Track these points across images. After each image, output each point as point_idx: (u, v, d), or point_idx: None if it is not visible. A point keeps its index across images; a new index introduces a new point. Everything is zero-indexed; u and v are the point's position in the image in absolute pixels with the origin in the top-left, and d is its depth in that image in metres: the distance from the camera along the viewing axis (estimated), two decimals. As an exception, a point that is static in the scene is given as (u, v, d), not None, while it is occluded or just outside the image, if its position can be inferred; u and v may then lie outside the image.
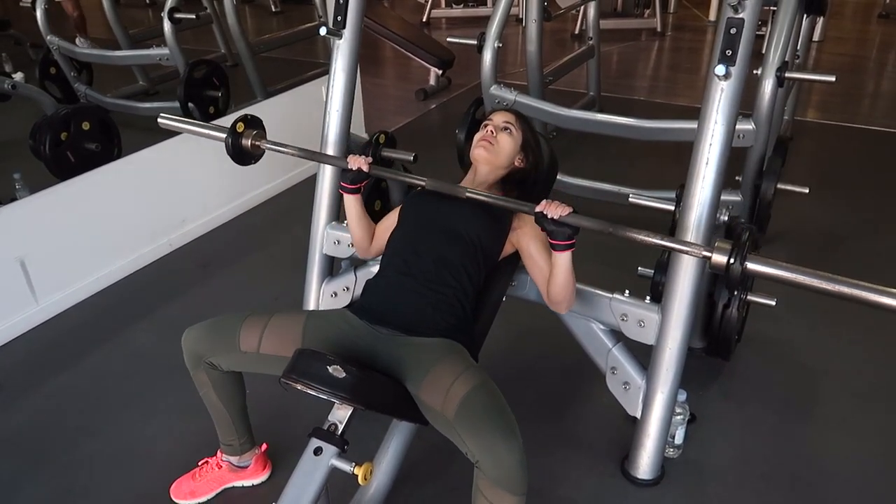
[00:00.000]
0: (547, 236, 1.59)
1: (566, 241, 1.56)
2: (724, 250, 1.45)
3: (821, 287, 1.38)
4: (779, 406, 2.18)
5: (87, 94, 4.39)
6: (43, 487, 1.90)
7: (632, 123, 2.95)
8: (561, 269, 1.62)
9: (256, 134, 1.97)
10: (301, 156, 1.95)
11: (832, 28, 7.00)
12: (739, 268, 1.43)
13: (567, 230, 1.55)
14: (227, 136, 1.94)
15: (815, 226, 3.27)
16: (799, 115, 4.51)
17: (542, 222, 1.56)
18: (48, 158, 3.25)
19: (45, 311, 2.61)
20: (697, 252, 1.51)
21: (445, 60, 5.03)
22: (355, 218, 1.90)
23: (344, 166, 1.84)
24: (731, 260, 1.44)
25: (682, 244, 1.55)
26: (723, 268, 1.45)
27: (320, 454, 1.44)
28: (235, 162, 2.00)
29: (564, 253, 1.59)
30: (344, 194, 1.87)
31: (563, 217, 1.53)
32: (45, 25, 4.35)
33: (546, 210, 1.55)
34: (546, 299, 1.72)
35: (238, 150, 1.97)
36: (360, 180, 1.84)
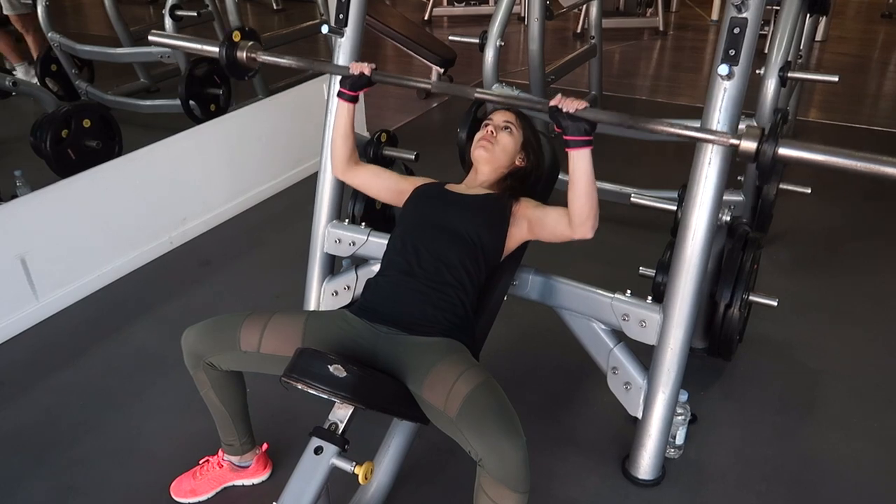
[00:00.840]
0: (561, 134, 1.52)
1: (583, 136, 1.51)
2: (754, 135, 1.34)
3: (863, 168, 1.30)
4: (780, 406, 2.18)
5: (88, 92, 4.38)
6: (44, 484, 1.90)
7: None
8: (581, 172, 1.54)
9: (252, 45, 1.92)
10: (300, 66, 1.89)
11: (835, 28, 6.99)
12: (771, 151, 1.32)
13: (583, 124, 1.50)
14: (221, 48, 1.89)
15: (816, 226, 3.26)
16: (801, 114, 4.51)
17: (557, 117, 1.51)
18: (49, 156, 3.25)
19: (45, 308, 2.61)
20: (724, 140, 1.40)
21: (447, 59, 5.02)
22: (342, 130, 1.87)
23: (346, 73, 1.80)
24: (762, 144, 1.33)
25: (708, 133, 1.44)
26: (752, 154, 1.34)
27: (321, 453, 1.44)
28: (230, 74, 1.94)
29: (582, 151, 1.52)
30: (339, 101, 1.85)
31: (580, 111, 1.49)
32: (46, 22, 4.34)
33: (560, 104, 1.50)
34: (570, 228, 1.61)
35: (233, 61, 1.91)
36: (362, 85, 1.82)
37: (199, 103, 3.93)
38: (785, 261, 2.98)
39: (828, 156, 1.33)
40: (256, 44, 1.93)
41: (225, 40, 1.88)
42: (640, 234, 3.10)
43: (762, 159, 1.34)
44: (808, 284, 2.81)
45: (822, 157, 1.33)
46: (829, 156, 1.33)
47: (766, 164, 1.34)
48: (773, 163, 1.35)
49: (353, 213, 2.53)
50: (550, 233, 1.68)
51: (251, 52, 1.90)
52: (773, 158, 1.34)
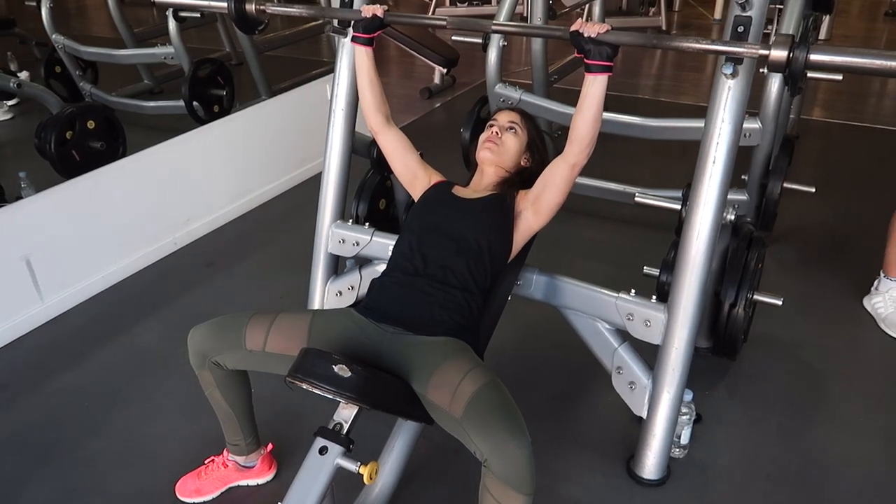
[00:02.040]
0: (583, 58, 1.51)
1: (605, 61, 1.49)
2: (784, 44, 1.31)
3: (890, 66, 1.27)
4: (785, 406, 2.17)
5: (92, 93, 4.40)
6: (48, 485, 1.91)
7: (637, 122, 2.95)
8: (593, 97, 1.53)
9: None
10: (308, 14, 1.85)
11: (839, 26, 6.97)
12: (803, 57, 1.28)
13: (606, 49, 1.48)
14: (230, 1, 1.85)
15: (821, 225, 3.25)
16: (805, 113, 4.50)
17: (579, 41, 1.49)
18: (53, 157, 3.26)
19: (50, 309, 2.62)
20: (753, 52, 1.37)
21: (450, 59, 5.00)
22: (367, 75, 1.84)
23: (356, 17, 1.77)
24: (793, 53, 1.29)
25: (736, 45, 1.41)
26: (783, 62, 1.30)
27: (326, 453, 1.43)
28: (239, 28, 1.90)
29: (600, 76, 1.51)
30: (356, 46, 1.82)
31: (602, 35, 1.47)
32: (51, 24, 4.35)
33: (582, 29, 1.48)
34: (567, 161, 1.61)
35: (242, 14, 1.87)
36: (375, 28, 1.77)
37: (202, 104, 3.94)
38: (790, 260, 2.97)
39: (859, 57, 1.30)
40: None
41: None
42: (645, 233, 3.10)
43: (794, 66, 1.30)
44: (812, 283, 2.80)
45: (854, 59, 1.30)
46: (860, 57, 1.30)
47: (798, 71, 1.30)
48: (804, 71, 1.31)
49: (356, 214, 2.53)
50: (554, 187, 1.66)
51: (260, 4, 1.87)
52: (804, 65, 1.30)
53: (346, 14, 1.90)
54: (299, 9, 1.85)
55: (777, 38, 1.34)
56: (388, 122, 1.90)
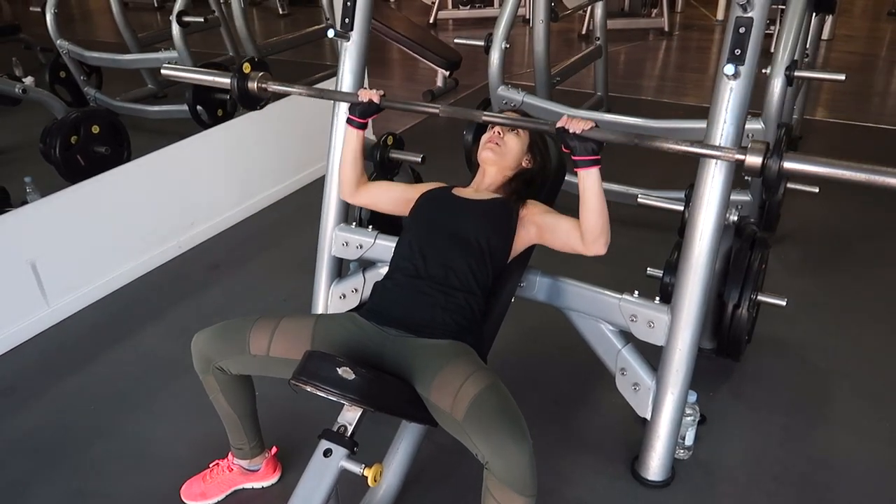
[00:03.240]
0: (570, 155, 1.55)
1: (591, 156, 1.53)
2: (759, 150, 1.36)
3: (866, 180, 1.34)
4: (790, 407, 2.17)
5: (96, 98, 4.41)
6: (54, 488, 1.91)
7: (640, 123, 2.94)
8: (591, 191, 1.57)
9: (262, 76, 1.94)
10: (309, 94, 1.92)
11: (842, 26, 6.96)
12: (776, 166, 1.34)
13: (591, 144, 1.52)
14: (232, 79, 1.92)
15: (824, 225, 3.25)
16: (808, 114, 4.49)
17: (564, 138, 1.53)
18: (58, 162, 3.27)
19: (55, 313, 2.63)
20: (729, 156, 1.42)
21: (452, 62, 5.03)
22: (352, 155, 1.89)
23: (354, 100, 1.83)
24: (767, 159, 1.34)
25: (713, 149, 1.47)
26: (758, 169, 1.36)
27: (330, 456, 1.44)
28: (242, 105, 1.98)
29: (591, 170, 1.55)
30: (348, 127, 1.87)
31: (586, 131, 1.51)
32: (55, 29, 4.37)
33: (567, 125, 1.52)
34: (582, 244, 1.62)
35: (244, 92, 1.94)
36: (371, 112, 1.83)
37: (206, 108, 3.95)
38: (794, 260, 2.97)
39: (831, 168, 1.35)
40: (266, 74, 1.97)
41: (236, 72, 1.91)
42: (648, 234, 3.09)
43: (768, 174, 1.36)
44: (817, 284, 2.79)
45: (826, 169, 1.36)
46: (832, 168, 1.35)
47: (772, 178, 1.36)
48: (778, 177, 1.37)
49: (360, 217, 2.54)
50: (562, 243, 1.69)
51: (262, 83, 1.94)
52: (778, 173, 1.36)
53: (344, 97, 1.98)
54: (299, 89, 1.91)
55: (753, 145, 1.38)
56: (362, 186, 1.94)
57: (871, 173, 1.34)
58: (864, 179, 1.33)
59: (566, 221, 1.68)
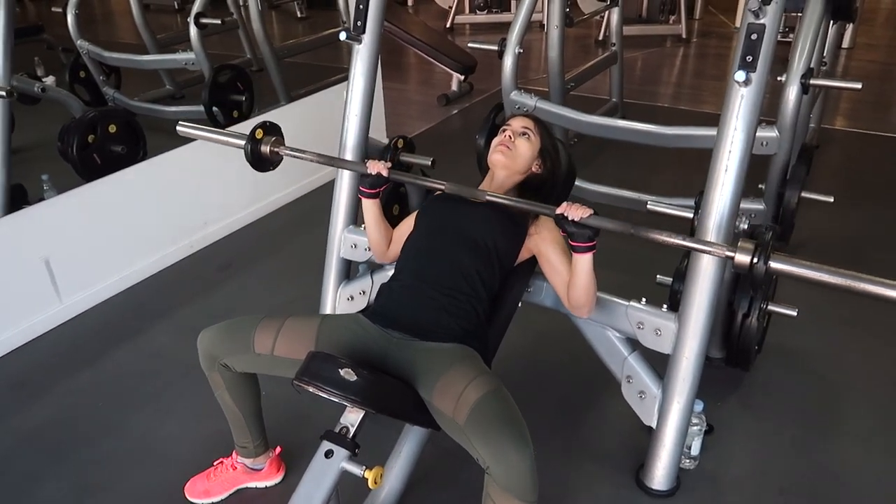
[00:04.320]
0: (567, 239, 1.58)
1: (587, 242, 1.56)
2: (748, 250, 1.44)
3: (846, 285, 1.38)
4: (799, 419, 2.14)
5: (114, 98, 4.46)
6: (62, 483, 1.93)
7: (652, 130, 2.93)
8: (582, 272, 1.61)
9: (275, 140, 1.99)
10: (319, 161, 1.96)
11: (862, 35, 6.88)
12: (763, 267, 1.42)
13: (588, 232, 1.55)
14: (246, 144, 1.96)
15: (839, 236, 3.20)
16: (827, 122, 4.44)
17: (563, 224, 1.56)
18: (75, 160, 3.31)
19: (68, 310, 2.66)
20: (720, 252, 1.50)
21: (467, 66, 5.03)
22: (373, 222, 1.90)
23: (363, 171, 1.84)
24: (755, 259, 1.42)
25: (704, 244, 1.55)
26: (746, 267, 1.44)
27: (331, 457, 1.44)
28: (254, 168, 2.02)
29: (585, 255, 1.59)
30: (362, 199, 1.88)
31: (584, 219, 1.53)
32: (76, 30, 4.43)
33: (567, 212, 1.54)
34: (566, 303, 1.72)
35: (257, 156, 1.99)
36: (380, 185, 1.84)
37: (222, 109, 3.98)
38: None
39: (817, 272, 1.42)
40: (279, 138, 2.03)
41: (249, 137, 1.96)
42: (659, 242, 3.07)
43: (755, 273, 1.43)
44: (830, 295, 2.73)
45: (813, 273, 1.42)
46: (818, 272, 1.42)
47: (759, 277, 1.43)
48: (765, 275, 1.43)
49: (369, 219, 2.54)
50: (553, 285, 1.76)
51: (274, 147, 1.99)
52: (765, 273, 1.43)
53: (354, 167, 2.04)
54: (310, 156, 1.95)
55: (742, 244, 1.45)
56: (391, 243, 1.94)
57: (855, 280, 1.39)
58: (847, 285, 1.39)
59: (566, 271, 1.70)
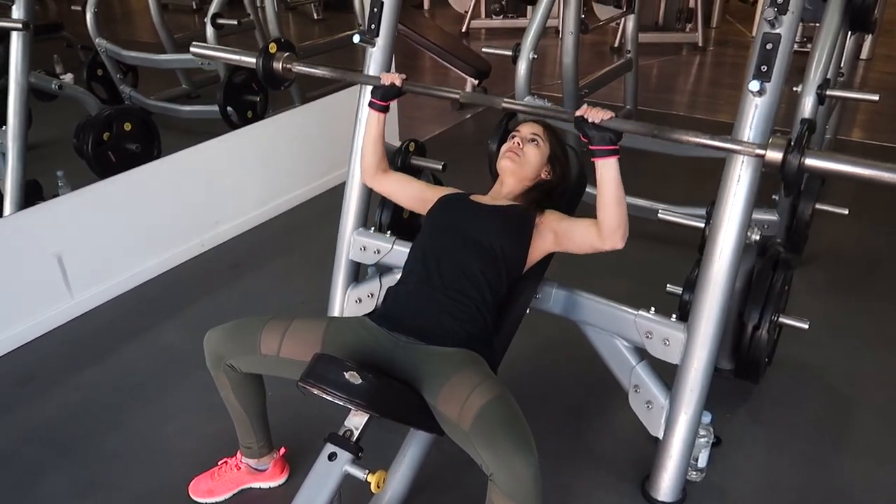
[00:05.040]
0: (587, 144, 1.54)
1: (608, 145, 1.52)
2: (780, 145, 1.35)
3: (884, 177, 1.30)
4: (809, 433, 2.11)
5: (131, 96, 4.50)
6: (66, 478, 1.94)
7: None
8: (608, 182, 1.55)
9: (288, 57, 1.96)
10: (333, 76, 1.94)
11: (882, 46, 6.81)
12: (797, 162, 1.32)
13: (609, 134, 1.51)
14: (258, 59, 1.94)
15: (853, 248, 3.17)
16: (843, 134, 4.40)
17: (583, 127, 1.52)
18: (90, 157, 3.33)
19: (79, 305, 2.68)
20: (750, 150, 1.40)
21: (482, 71, 5.03)
22: (372, 138, 1.91)
23: (377, 83, 1.85)
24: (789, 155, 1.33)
25: (734, 143, 1.45)
26: (778, 164, 1.35)
27: (334, 460, 1.44)
28: (266, 85, 1.99)
29: (609, 160, 1.54)
30: (370, 110, 1.89)
31: (605, 121, 1.49)
32: (95, 28, 4.48)
33: (586, 114, 1.51)
34: (600, 239, 1.59)
35: (269, 72, 1.96)
36: (392, 96, 1.86)
37: (236, 110, 4.00)
38: (820, 283, 2.90)
39: (854, 167, 1.31)
40: (292, 55, 1.97)
41: (262, 52, 1.93)
42: (669, 250, 3.05)
43: (788, 169, 1.34)
44: (843, 308, 2.73)
45: (849, 167, 1.32)
46: (855, 167, 1.31)
47: (792, 174, 1.33)
48: (798, 173, 1.34)
49: (379, 222, 2.54)
50: (579, 244, 1.67)
51: (286, 63, 1.95)
52: (798, 169, 1.33)
53: (367, 80, 1.99)
54: (323, 70, 1.93)
55: (773, 140, 1.37)
56: (383, 172, 1.96)
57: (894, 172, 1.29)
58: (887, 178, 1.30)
59: (582, 222, 1.66)
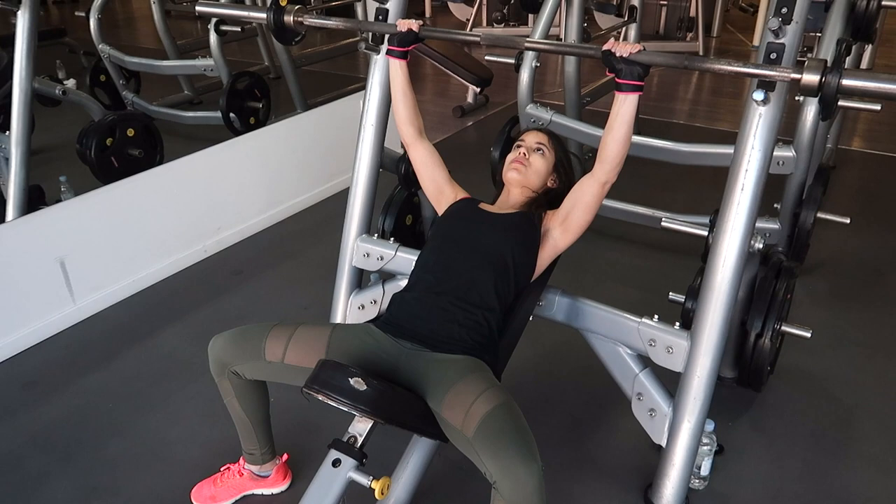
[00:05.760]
0: (614, 78, 1.52)
1: (635, 80, 1.50)
2: (817, 68, 1.29)
3: None
4: (812, 441, 2.11)
5: (134, 102, 4.52)
6: (69, 483, 1.94)
7: (668, 147, 2.92)
8: (624, 117, 1.54)
9: (299, 9, 1.93)
10: (345, 26, 1.88)
11: (882, 56, 6.84)
12: (835, 82, 1.27)
13: (637, 68, 1.49)
14: (268, 12, 1.90)
15: (855, 257, 3.18)
16: (844, 143, 4.42)
17: (611, 60, 1.50)
18: (93, 163, 3.35)
19: (81, 310, 2.68)
20: (785, 75, 1.36)
21: (483, 79, 5.03)
22: (400, 87, 1.86)
23: (392, 31, 1.80)
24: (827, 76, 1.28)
25: (767, 68, 1.41)
26: (815, 87, 1.29)
27: (338, 466, 1.44)
28: (277, 38, 1.95)
29: (631, 95, 1.52)
30: (390, 59, 1.85)
31: (634, 55, 1.48)
32: (98, 34, 4.50)
33: (614, 48, 1.49)
34: (596, 179, 1.62)
35: (280, 25, 1.92)
36: (410, 42, 1.80)
37: (239, 116, 4.02)
38: (821, 292, 2.90)
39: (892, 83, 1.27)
40: (303, 7, 1.94)
41: (273, 5, 1.90)
42: (672, 259, 3.06)
43: (826, 91, 1.29)
44: (845, 317, 2.73)
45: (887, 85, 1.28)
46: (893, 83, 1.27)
47: (831, 96, 1.29)
48: (836, 96, 1.29)
49: (382, 228, 2.55)
50: (584, 205, 1.67)
51: (297, 16, 1.92)
52: (836, 90, 1.29)
53: (381, 27, 1.94)
54: (336, 21, 1.90)
55: (809, 63, 1.34)
56: (420, 134, 1.92)
57: None
58: None
59: (576, 188, 1.68)
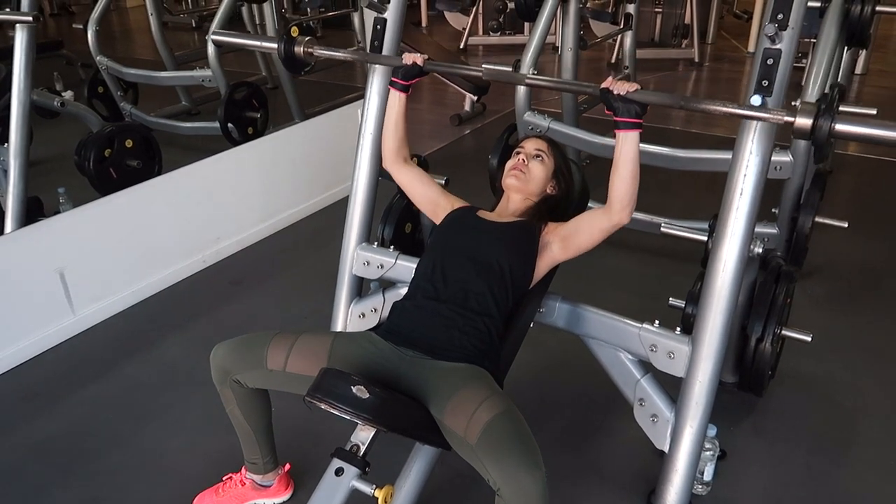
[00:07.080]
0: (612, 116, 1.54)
1: (633, 118, 1.52)
2: (810, 111, 1.31)
3: None
4: (813, 445, 2.11)
5: (132, 113, 4.53)
6: (69, 494, 1.93)
7: (666, 153, 2.93)
8: (627, 156, 1.55)
9: (309, 41, 1.98)
10: (353, 58, 1.95)
11: (876, 61, 6.89)
12: (827, 127, 1.28)
13: (634, 107, 1.51)
14: (279, 43, 1.96)
15: (853, 261, 3.19)
16: (840, 148, 4.44)
17: (608, 99, 1.52)
18: (92, 174, 3.36)
19: (81, 321, 2.67)
20: (778, 118, 1.38)
21: (480, 87, 5.07)
22: (394, 119, 1.90)
23: (398, 64, 1.85)
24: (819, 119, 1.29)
25: (761, 111, 1.43)
26: (807, 131, 1.31)
27: (341, 475, 1.44)
28: (287, 68, 2.00)
29: (631, 133, 1.54)
30: (391, 90, 1.88)
31: (630, 93, 1.50)
32: (96, 46, 4.51)
33: (612, 87, 1.51)
34: (607, 217, 1.62)
35: (291, 56, 1.98)
36: (414, 75, 1.84)
37: (237, 126, 4.03)
38: (821, 296, 2.91)
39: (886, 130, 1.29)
40: (312, 39, 2.01)
41: (284, 36, 1.96)
42: (672, 264, 3.07)
43: (818, 135, 1.31)
44: (844, 321, 2.74)
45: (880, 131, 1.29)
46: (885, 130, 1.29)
47: (822, 140, 1.30)
48: (828, 139, 1.31)
49: (382, 237, 2.55)
50: (588, 235, 1.68)
51: (307, 47, 1.98)
52: (829, 134, 1.30)
53: (388, 61, 1.99)
54: (344, 54, 1.96)
55: (802, 106, 1.34)
56: (405, 161, 1.95)
57: None
58: None
59: (586, 214, 1.69)
